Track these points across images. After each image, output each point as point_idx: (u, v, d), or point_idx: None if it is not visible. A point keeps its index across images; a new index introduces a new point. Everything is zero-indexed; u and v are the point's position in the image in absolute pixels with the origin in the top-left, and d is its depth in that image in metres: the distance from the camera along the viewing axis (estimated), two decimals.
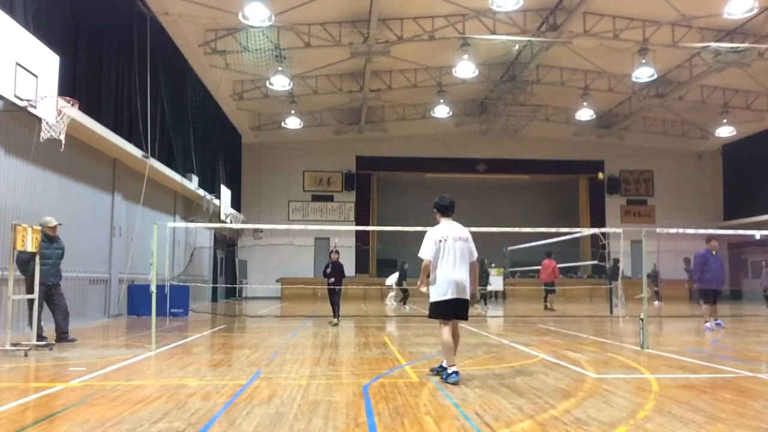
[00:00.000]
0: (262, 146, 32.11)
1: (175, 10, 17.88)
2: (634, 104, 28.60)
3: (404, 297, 22.53)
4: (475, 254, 6.68)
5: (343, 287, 14.42)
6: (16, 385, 6.38)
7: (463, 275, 6.48)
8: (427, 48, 22.27)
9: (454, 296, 6.42)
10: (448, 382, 6.23)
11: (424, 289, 6.68)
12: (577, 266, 31.55)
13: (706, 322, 12.78)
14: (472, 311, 6.99)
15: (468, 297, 6.55)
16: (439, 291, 6.49)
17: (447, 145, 32.84)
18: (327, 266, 14.15)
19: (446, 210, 6.84)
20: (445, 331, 6.46)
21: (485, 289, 22.12)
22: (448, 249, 6.50)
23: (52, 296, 9.80)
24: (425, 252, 6.56)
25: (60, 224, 10.08)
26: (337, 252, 14.44)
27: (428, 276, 6.57)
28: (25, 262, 9.15)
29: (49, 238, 9.73)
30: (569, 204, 35.38)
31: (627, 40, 20.93)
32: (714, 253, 12.96)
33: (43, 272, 9.38)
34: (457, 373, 6.30)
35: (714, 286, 12.88)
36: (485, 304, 23.88)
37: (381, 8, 18.94)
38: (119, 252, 16.35)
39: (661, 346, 9.71)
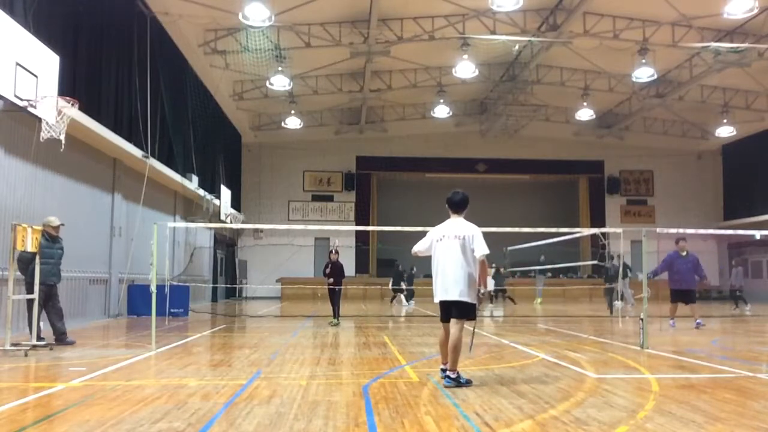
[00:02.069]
0: (262, 146, 32.09)
1: (175, 10, 17.87)
2: (634, 104, 28.59)
3: (394, 296, 23.71)
4: (481, 251, 6.20)
5: (343, 287, 14.43)
6: (16, 385, 6.38)
7: (448, 276, 6.24)
8: (427, 48, 22.26)
9: (439, 298, 6.40)
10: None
11: None
12: (577, 266, 31.56)
13: (671, 319, 13.52)
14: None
15: (452, 296, 6.20)
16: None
17: (447, 145, 32.81)
18: (327, 266, 14.14)
19: (454, 207, 6.50)
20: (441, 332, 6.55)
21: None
22: (439, 250, 6.36)
23: (52, 297, 9.74)
24: (417, 244, 6.71)
25: (63, 224, 10.07)
26: (336, 252, 14.44)
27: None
28: (27, 261, 9.14)
29: (51, 237, 9.72)
30: (569, 204, 35.38)
31: (627, 40, 20.93)
32: (684, 254, 13.37)
33: (46, 272, 9.35)
34: (443, 371, 6.32)
35: (680, 287, 13.40)
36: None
37: (381, 8, 18.93)
38: (119, 252, 16.35)
39: (661, 346, 9.71)
